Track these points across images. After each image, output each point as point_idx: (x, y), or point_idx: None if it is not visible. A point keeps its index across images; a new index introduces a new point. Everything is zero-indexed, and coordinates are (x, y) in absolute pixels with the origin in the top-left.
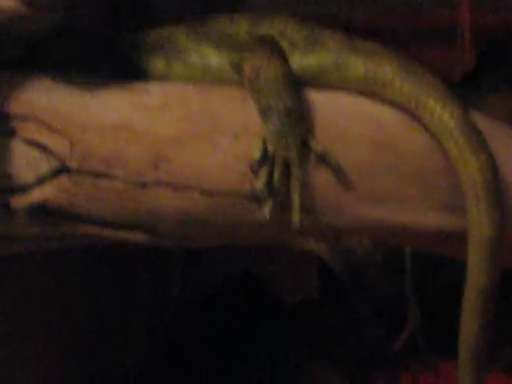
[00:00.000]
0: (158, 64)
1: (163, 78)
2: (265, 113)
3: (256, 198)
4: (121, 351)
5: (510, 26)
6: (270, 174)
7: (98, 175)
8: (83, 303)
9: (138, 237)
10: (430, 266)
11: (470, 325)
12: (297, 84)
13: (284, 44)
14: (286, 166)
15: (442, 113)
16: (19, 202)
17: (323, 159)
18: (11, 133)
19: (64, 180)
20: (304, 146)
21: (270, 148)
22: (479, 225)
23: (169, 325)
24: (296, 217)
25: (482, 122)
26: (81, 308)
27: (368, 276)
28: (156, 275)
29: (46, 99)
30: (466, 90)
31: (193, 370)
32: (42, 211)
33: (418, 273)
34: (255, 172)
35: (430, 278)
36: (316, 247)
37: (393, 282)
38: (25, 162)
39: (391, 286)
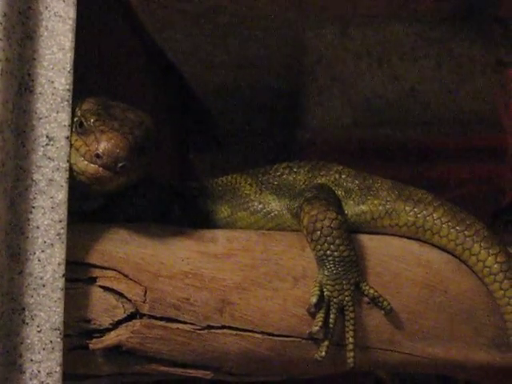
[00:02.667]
0: (223, 211)
1: (227, 223)
2: (321, 260)
3: (313, 339)
4: None
5: None
6: (326, 317)
7: (168, 319)
8: None
9: (204, 374)
10: None
11: None
12: (350, 232)
13: (339, 192)
14: (341, 309)
15: (487, 257)
16: (97, 344)
17: (375, 302)
18: (91, 281)
19: (137, 324)
20: (358, 289)
21: (326, 293)
22: None
23: None
24: (350, 354)
25: None
26: None
27: None
28: None
29: (122, 249)
30: None
31: None
32: (117, 352)
33: None
34: (312, 315)
35: None
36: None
37: None
38: (103, 308)
39: None
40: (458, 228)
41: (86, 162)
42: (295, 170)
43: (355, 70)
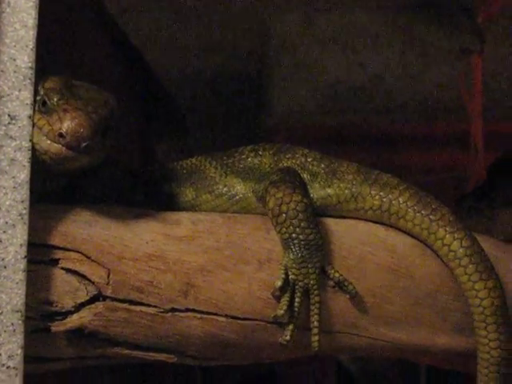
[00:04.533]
0: (187, 193)
1: (192, 206)
2: (286, 243)
3: (278, 323)
4: None
5: None
6: (291, 300)
7: (131, 302)
8: None
9: (167, 357)
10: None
11: None
12: (316, 215)
13: (305, 175)
14: (306, 292)
15: (452, 242)
16: (59, 326)
17: (341, 286)
18: (53, 263)
19: (100, 306)
20: (323, 273)
21: (291, 276)
22: (487, 346)
23: None
24: (315, 339)
25: (489, 245)
26: None
27: (382, 380)
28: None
29: (85, 231)
30: (479, 201)
31: None
32: (80, 335)
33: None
34: (277, 298)
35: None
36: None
37: None
38: (65, 290)
39: None
40: (423, 212)
41: (48, 142)
42: (260, 152)
43: (320, 57)
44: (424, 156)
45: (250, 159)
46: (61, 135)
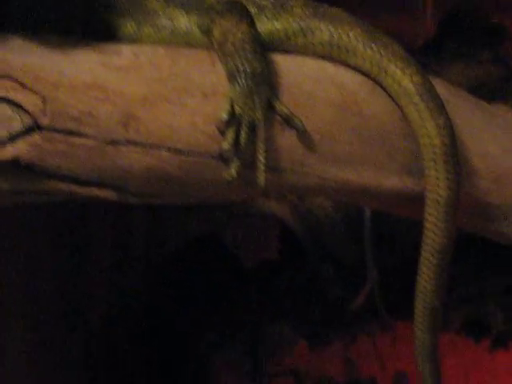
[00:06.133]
0: (128, 26)
1: (134, 40)
2: (232, 75)
3: (223, 158)
4: (83, 303)
5: None
6: (237, 135)
7: (69, 133)
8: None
9: (107, 194)
10: (388, 229)
11: (425, 283)
12: (264, 48)
13: (251, 9)
14: (253, 127)
15: (403, 78)
16: None
17: (288, 121)
18: None
19: (36, 137)
20: (270, 107)
21: (237, 109)
22: (436, 186)
23: (131, 281)
24: (261, 176)
25: (440, 87)
26: (47, 267)
27: (329, 238)
28: (119, 234)
29: (19, 58)
30: (427, 57)
31: (154, 325)
32: (15, 167)
33: (377, 236)
34: (222, 132)
35: (389, 241)
36: (278, 210)
37: (353, 245)
38: None
39: (351, 248)
40: (374, 47)
41: None
42: None
43: None
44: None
45: None
46: None
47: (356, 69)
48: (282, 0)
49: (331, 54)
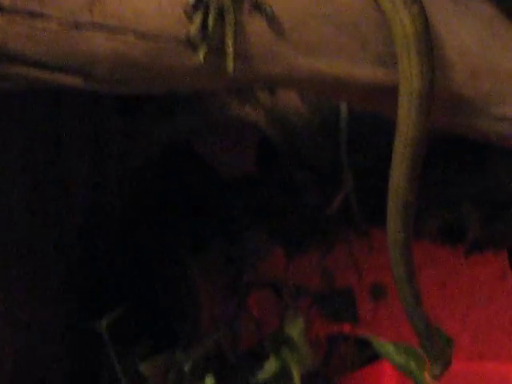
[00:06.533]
0: None
1: None
2: None
3: (191, 43)
4: (60, 212)
5: None
6: (205, 19)
7: (31, 14)
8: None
9: (73, 81)
10: (364, 132)
11: (399, 178)
12: None
13: None
14: (221, 12)
15: None
16: None
17: (257, 7)
18: None
19: None
20: None
21: None
22: (409, 76)
23: (106, 191)
24: (230, 62)
25: None
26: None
27: (304, 143)
28: (94, 144)
29: None
30: None
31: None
32: None
33: (353, 140)
34: (189, 16)
35: (365, 144)
36: (253, 115)
37: (329, 149)
38: None
39: (327, 153)
40: None
41: None
42: None
43: None
44: None
45: None
46: None
47: None
48: None
49: None
